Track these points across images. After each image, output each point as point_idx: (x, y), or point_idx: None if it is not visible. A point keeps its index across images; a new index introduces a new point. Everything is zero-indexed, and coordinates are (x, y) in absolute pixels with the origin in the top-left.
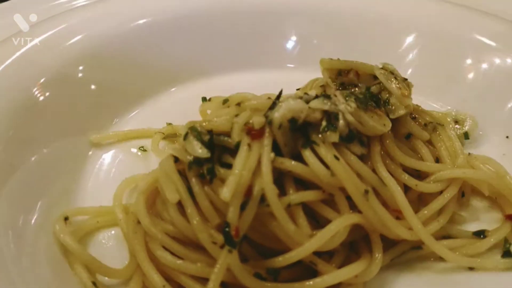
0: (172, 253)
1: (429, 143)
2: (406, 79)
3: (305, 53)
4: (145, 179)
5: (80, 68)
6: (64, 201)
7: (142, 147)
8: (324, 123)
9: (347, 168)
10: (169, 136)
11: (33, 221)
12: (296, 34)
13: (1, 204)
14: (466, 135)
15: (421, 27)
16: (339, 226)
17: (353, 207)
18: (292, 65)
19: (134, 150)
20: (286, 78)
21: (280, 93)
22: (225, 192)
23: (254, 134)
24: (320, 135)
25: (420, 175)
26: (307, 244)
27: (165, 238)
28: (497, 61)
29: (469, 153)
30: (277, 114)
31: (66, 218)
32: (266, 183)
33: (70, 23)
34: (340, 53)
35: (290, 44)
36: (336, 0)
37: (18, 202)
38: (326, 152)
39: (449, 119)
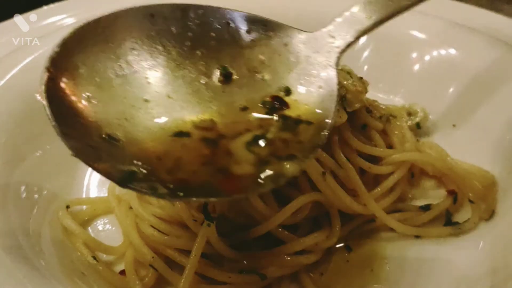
0: (160, 231)
1: (384, 132)
2: (361, 78)
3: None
4: None
5: None
6: (63, 193)
7: None
8: None
9: None
10: None
11: (36, 211)
12: None
13: (9, 192)
14: (418, 125)
15: None
16: (301, 202)
17: (314, 187)
18: None
19: None
20: None
21: None
22: None
23: None
24: None
25: (374, 160)
26: (274, 218)
27: (153, 218)
28: (435, 54)
29: (417, 140)
30: None
31: (67, 207)
32: None
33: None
34: None
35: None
36: (296, 9)
37: (24, 191)
38: None
39: (402, 112)
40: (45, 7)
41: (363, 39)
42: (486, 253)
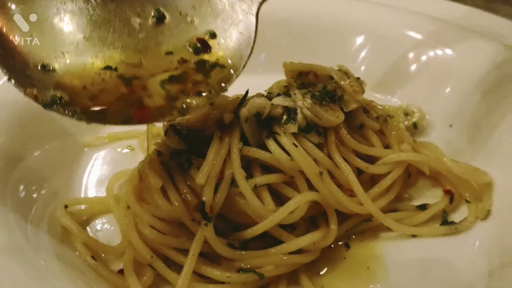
0: (158, 231)
1: (381, 133)
2: (358, 78)
3: (270, 59)
4: (132, 171)
5: None
6: (62, 194)
7: (130, 146)
8: (285, 117)
9: (305, 153)
10: (154, 135)
11: (34, 211)
12: (261, 43)
13: (8, 193)
14: (415, 125)
15: (367, 29)
16: (298, 202)
17: (312, 187)
18: (260, 70)
19: (123, 149)
20: (256, 81)
21: (247, 93)
22: (200, 177)
23: (225, 128)
24: (281, 127)
25: (371, 160)
26: (271, 217)
27: (151, 218)
28: (432, 54)
29: (414, 140)
30: (244, 110)
31: (66, 206)
32: (235, 168)
33: None
34: (301, 57)
35: (258, 53)
36: (294, 11)
37: (23, 190)
38: (286, 141)
39: (399, 112)
40: None
41: (360, 40)
42: (482, 252)
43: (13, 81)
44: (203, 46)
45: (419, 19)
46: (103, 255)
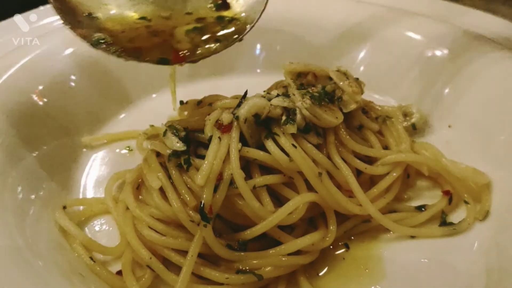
0: (157, 232)
1: (380, 133)
2: (357, 79)
3: (270, 59)
4: (131, 172)
5: (73, 77)
6: (60, 194)
7: (128, 147)
8: (283, 117)
9: (304, 154)
10: (152, 136)
11: (32, 211)
12: (261, 43)
13: (6, 194)
14: (413, 126)
15: (366, 30)
16: (297, 203)
17: (311, 188)
18: (259, 70)
19: (121, 149)
20: (255, 81)
21: (246, 93)
22: (199, 178)
23: (224, 128)
24: (280, 128)
25: (370, 161)
26: (270, 218)
27: (150, 219)
28: (430, 54)
29: (413, 141)
30: (243, 111)
31: (64, 207)
32: (234, 168)
33: (62, 38)
34: (300, 57)
35: (257, 52)
36: (294, 13)
37: (21, 191)
38: (285, 142)
39: (398, 113)
40: (42, 8)
41: (359, 40)
42: (480, 253)
43: (68, 24)
44: (223, 3)
45: (418, 20)
46: (101, 256)
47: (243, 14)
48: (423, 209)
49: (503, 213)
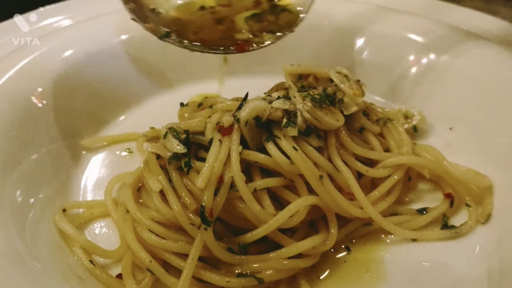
0: (157, 235)
1: (381, 136)
2: (358, 81)
3: (270, 61)
4: (131, 174)
5: (73, 79)
6: (60, 197)
7: (129, 149)
8: (284, 120)
9: (305, 157)
10: (152, 138)
11: (32, 214)
12: None
13: (5, 197)
14: (415, 128)
15: (368, 32)
16: (298, 206)
17: (312, 191)
18: (260, 72)
19: (121, 152)
20: (255, 83)
21: (246, 95)
22: (200, 181)
23: (224, 131)
24: (281, 131)
25: (371, 163)
26: (271, 221)
27: (150, 222)
28: (432, 57)
29: (414, 143)
30: (244, 113)
31: (64, 210)
32: (234, 171)
33: (61, 40)
34: (301, 59)
35: (258, 55)
36: None
37: (20, 194)
38: (286, 144)
39: (399, 115)
40: (41, 9)
41: (360, 42)
42: (482, 256)
43: (137, 20)
44: None
45: (420, 21)
46: (101, 259)
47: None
48: (424, 212)
49: (505, 216)
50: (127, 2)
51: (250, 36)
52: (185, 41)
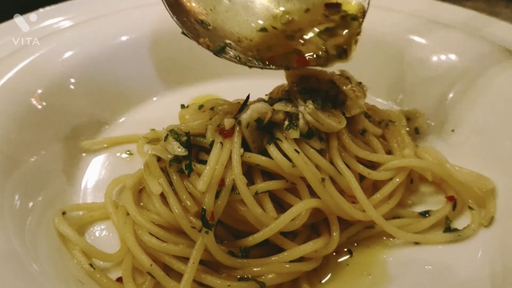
0: (158, 238)
1: (383, 138)
2: (360, 83)
3: None
4: (132, 177)
5: (72, 80)
6: (60, 199)
7: (129, 151)
8: (286, 122)
9: (306, 160)
10: (153, 140)
11: (31, 217)
12: None
13: (4, 199)
14: (416, 130)
15: (369, 33)
16: (300, 209)
17: (313, 194)
18: (261, 74)
19: (122, 153)
20: (256, 85)
21: (248, 97)
22: (201, 184)
23: (226, 133)
24: (283, 133)
25: (374, 166)
26: (273, 225)
27: (151, 225)
28: (434, 58)
29: (416, 145)
30: (245, 116)
31: (63, 213)
32: (236, 174)
33: (61, 41)
34: None
35: None
36: None
37: (19, 197)
38: (288, 147)
39: (401, 117)
40: (41, 10)
41: (362, 44)
42: (485, 259)
43: (190, 36)
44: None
45: (422, 23)
46: (101, 262)
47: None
48: (427, 215)
49: (508, 219)
50: (175, 13)
51: (314, 48)
52: (244, 56)
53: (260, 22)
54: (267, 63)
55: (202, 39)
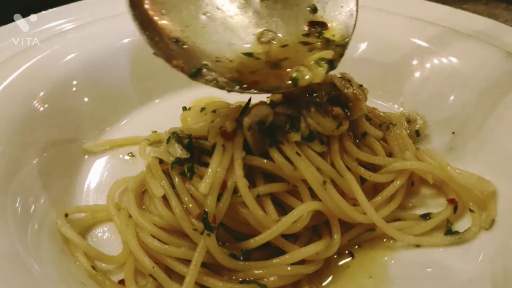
0: (160, 240)
1: (384, 140)
2: (361, 85)
3: None
4: (134, 179)
5: (74, 83)
6: (62, 201)
7: (131, 153)
8: (287, 125)
9: (308, 162)
10: (155, 142)
11: (33, 219)
12: None
13: (7, 201)
14: (417, 133)
15: (370, 36)
16: (301, 212)
17: (315, 196)
18: None
19: (124, 156)
20: None
21: (249, 100)
22: (203, 187)
23: (227, 136)
24: (284, 136)
25: (375, 168)
26: (274, 227)
27: (153, 228)
28: (436, 61)
29: (417, 148)
30: (247, 118)
31: (66, 215)
32: (237, 177)
33: (64, 43)
34: None
35: None
36: None
37: (22, 199)
38: (290, 150)
39: (401, 119)
40: (43, 12)
41: (363, 46)
42: (486, 262)
43: (159, 55)
44: (320, 26)
45: (422, 25)
46: (103, 264)
47: (337, 32)
48: (428, 217)
49: (509, 222)
50: (145, 31)
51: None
52: (223, 80)
53: (244, 44)
54: (245, 86)
55: (176, 61)
